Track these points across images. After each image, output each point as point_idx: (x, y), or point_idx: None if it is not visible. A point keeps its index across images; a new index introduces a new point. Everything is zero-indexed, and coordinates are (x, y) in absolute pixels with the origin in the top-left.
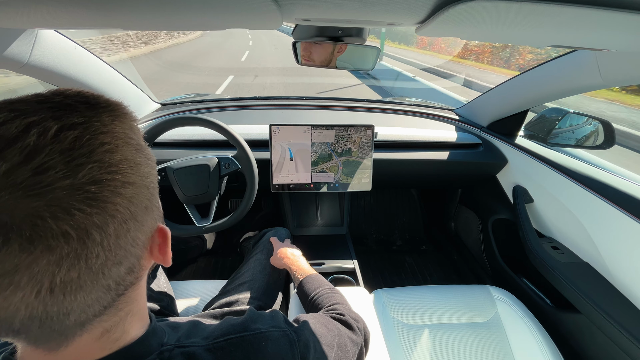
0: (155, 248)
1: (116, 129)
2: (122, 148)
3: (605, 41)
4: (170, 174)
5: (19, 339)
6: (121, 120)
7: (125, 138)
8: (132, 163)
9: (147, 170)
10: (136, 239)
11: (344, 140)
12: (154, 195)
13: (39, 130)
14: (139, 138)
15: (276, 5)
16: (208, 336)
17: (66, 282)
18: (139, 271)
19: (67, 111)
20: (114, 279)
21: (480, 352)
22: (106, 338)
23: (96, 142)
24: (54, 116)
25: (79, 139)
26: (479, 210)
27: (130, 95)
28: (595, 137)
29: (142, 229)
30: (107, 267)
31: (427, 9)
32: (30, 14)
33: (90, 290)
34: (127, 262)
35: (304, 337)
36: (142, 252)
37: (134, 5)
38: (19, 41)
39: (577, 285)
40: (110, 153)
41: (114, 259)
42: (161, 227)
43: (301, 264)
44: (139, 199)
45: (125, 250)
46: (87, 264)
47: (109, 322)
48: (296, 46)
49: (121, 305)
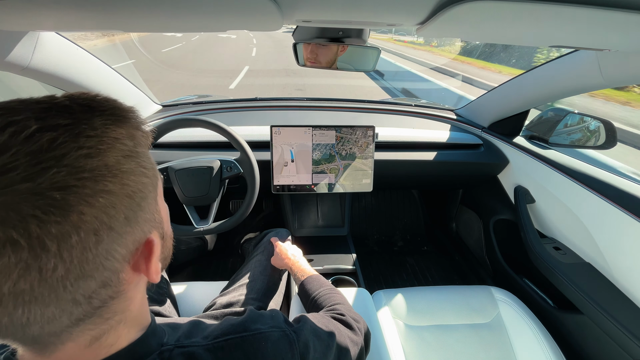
0: (141, 262)
1: (107, 133)
2: (106, 153)
3: (606, 41)
4: (171, 174)
5: (10, 342)
6: (119, 125)
7: (114, 143)
8: (115, 170)
9: (134, 179)
10: (112, 251)
11: (349, 144)
12: (141, 206)
13: (15, 129)
14: (135, 144)
15: (277, 7)
16: (208, 336)
17: (16, 293)
18: (118, 285)
19: (56, 112)
20: (82, 293)
21: (482, 353)
22: (97, 345)
23: (73, 145)
24: (38, 117)
25: (53, 141)
26: (480, 210)
27: (131, 96)
28: (596, 137)
29: (120, 241)
30: (69, 281)
31: (427, 9)
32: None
33: (48, 303)
34: (99, 275)
35: (303, 337)
36: (122, 266)
37: (134, 7)
38: (21, 44)
39: (579, 285)
40: (87, 158)
41: (79, 273)
42: (150, 239)
43: (302, 264)
44: (118, 209)
45: (95, 263)
46: (41, 275)
47: (96, 331)
48: (296, 47)
49: (108, 315)
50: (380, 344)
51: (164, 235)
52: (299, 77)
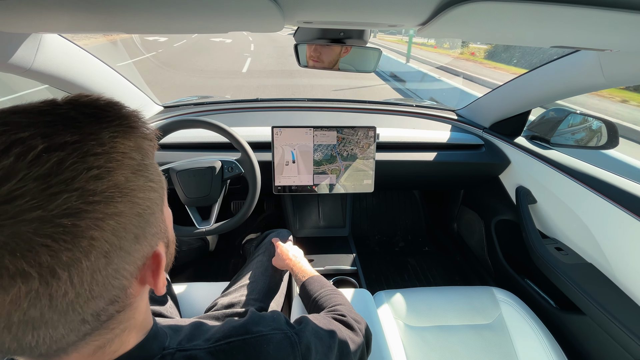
0: (148, 275)
1: (115, 148)
2: (115, 172)
3: (608, 41)
4: (172, 175)
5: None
6: (125, 136)
7: (122, 159)
8: (125, 189)
9: (143, 196)
10: (121, 270)
11: (350, 145)
12: (149, 222)
13: (21, 150)
14: (143, 157)
15: (278, 8)
16: (209, 338)
17: (26, 321)
18: (125, 300)
19: (62, 126)
20: (90, 313)
21: (484, 354)
22: (101, 352)
23: (82, 166)
24: (45, 133)
25: (62, 163)
26: (482, 211)
27: (133, 98)
28: (598, 137)
29: (129, 259)
30: (79, 304)
31: (429, 10)
32: (34, 18)
33: (56, 325)
34: (107, 295)
35: (305, 338)
36: (129, 282)
37: (136, 9)
38: (23, 45)
39: (581, 286)
40: (96, 180)
41: (89, 295)
42: (157, 252)
43: (303, 265)
44: (127, 229)
45: (105, 284)
46: (51, 302)
47: (101, 340)
48: (297, 48)
49: (113, 325)
50: (381, 344)
51: (168, 243)
52: (314, 78)
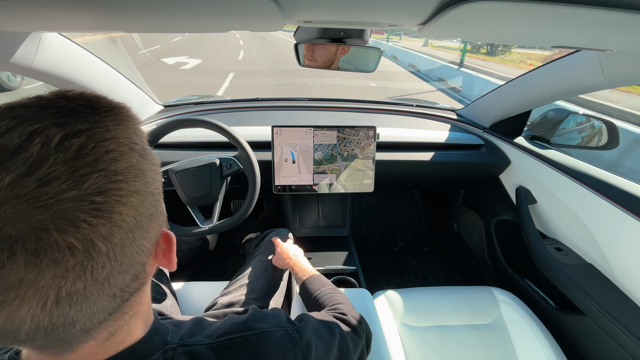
0: (160, 253)
1: (120, 134)
2: (127, 155)
3: (608, 41)
4: (172, 176)
5: (24, 347)
6: (125, 124)
7: (129, 144)
8: (138, 170)
9: (152, 177)
10: (141, 246)
11: (351, 145)
12: (158, 202)
13: (43, 139)
14: (143, 142)
15: (278, 7)
16: (211, 334)
17: (72, 293)
18: (143, 277)
19: (70, 117)
20: (119, 287)
21: (484, 354)
22: (111, 341)
23: (101, 150)
24: (57, 123)
25: (83, 148)
26: (482, 211)
27: (133, 97)
28: (599, 137)
29: (147, 236)
30: (113, 277)
31: (429, 10)
32: (34, 17)
33: (95, 299)
34: (132, 269)
35: (306, 336)
36: (147, 259)
37: (136, 8)
38: (23, 44)
39: (581, 287)
40: (115, 161)
41: (120, 268)
42: (166, 232)
43: (303, 264)
44: (145, 206)
45: (131, 258)
46: (92, 275)
47: (113, 327)
48: (298, 48)
49: (126, 309)
50: (381, 344)
51: (167, 228)
52: (341, 78)
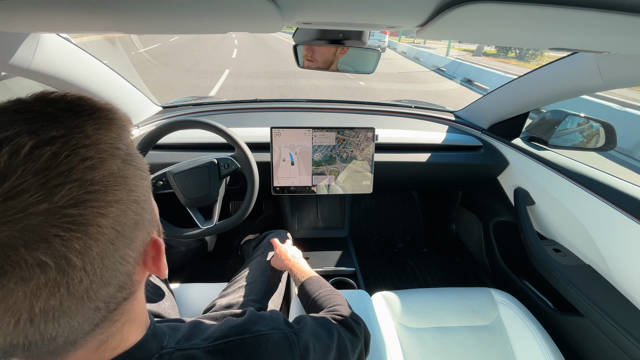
0: (149, 261)
1: (101, 139)
2: (107, 162)
3: (606, 44)
4: (170, 179)
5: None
6: (107, 128)
7: (110, 149)
8: (119, 177)
9: (136, 183)
10: (125, 256)
11: (351, 147)
12: (145, 209)
13: (12, 148)
14: (127, 146)
15: (277, 9)
16: (208, 338)
17: (47, 310)
18: (131, 287)
19: (45, 122)
20: (102, 300)
21: (482, 355)
22: (103, 349)
23: (76, 158)
24: (30, 130)
25: (56, 156)
26: (480, 212)
27: (132, 98)
28: (596, 138)
29: (132, 246)
30: (93, 290)
31: (427, 12)
32: (33, 18)
33: (75, 314)
34: (116, 280)
35: (303, 338)
36: (134, 268)
37: (135, 9)
38: (21, 45)
39: (579, 287)
40: (92, 170)
41: (101, 281)
42: (154, 238)
43: (302, 265)
44: (127, 216)
45: (113, 270)
46: (69, 290)
47: (104, 334)
48: (297, 49)
49: (116, 317)
50: (379, 346)
51: (160, 233)
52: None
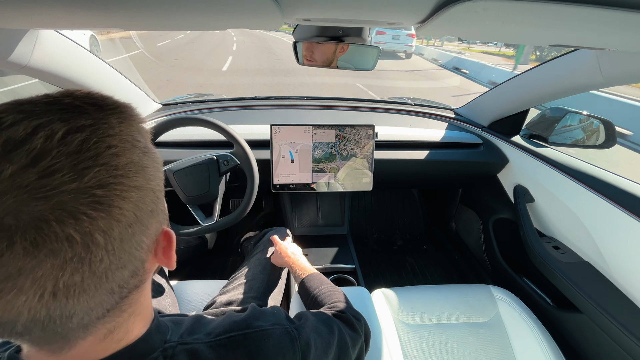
0: (159, 251)
1: (123, 131)
2: (129, 151)
3: (606, 40)
4: (170, 176)
5: (22, 341)
6: (129, 122)
7: (132, 141)
8: (139, 166)
9: (153, 174)
10: (141, 242)
11: (351, 145)
12: (159, 199)
13: (46, 132)
14: (146, 141)
15: (277, 5)
16: (210, 332)
17: (69, 286)
18: (142, 274)
19: (75, 113)
20: (117, 283)
21: (482, 352)
22: (110, 339)
23: (103, 145)
24: (62, 118)
25: (85, 142)
26: (480, 210)
27: (132, 95)
28: (596, 136)
29: (147, 233)
30: (111, 271)
31: (428, 8)
32: (31, 14)
33: (93, 294)
34: (131, 265)
35: (305, 334)
36: (147, 256)
37: (135, 5)
38: (20, 42)
39: (578, 285)
40: (117, 156)
41: (118, 263)
42: (166, 230)
43: (302, 262)
44: (145, 202)
45: (130, 254)
46: (90, 268)
47: (112, 324)
48: (297, 46)
49: (125, 307)
50: (379, 342)
51: (169, 226)
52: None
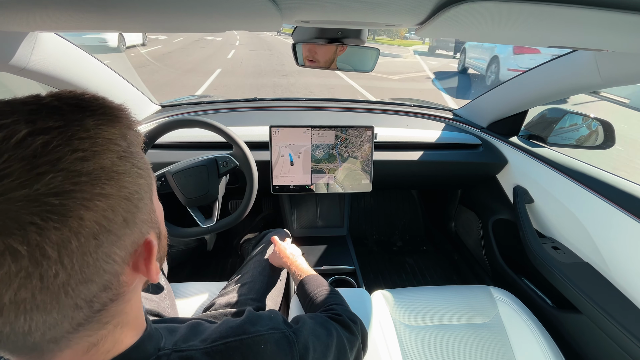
0: (140, 263)
1: (100, 134)
2: (101, 155)
3: (604, 42)
4: (169, 178)
5: (1, 352)
6: (111, 124)
7: (107, 144)
8: (111, 172)
9: (130, 180)
10: (111, 254)
11: (352, 146)
12: (139, 207)
13: (5, 134)
14: (129, 145)
15: (276, 7)
16: (206, 339)
17: (17, 302)
18: (118, 288)
19: (46, 114)
20: (83, 298)
21: (482, 353)
22: (95, 351)
23: (67, 148)
24: (28, 119)
25: (46, 145)
26: (479, 210)
27: (131, 97)
28: (595, 137)
29: (120, 244)
30: (71, 286)
31: (427, 10)
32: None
33: (50, 310)
34: (99, 279)
35: (303, 338)
36: (122, 268)
37: (133, 8)
38: (19, 44)
39: (577, 285)
40: (83, 161)
41: (80, 277)
42: (148, 240)
43: (300, 263)
44: (116, 212)
45: (96, 267)
46: (42, 283)
47: (94, 337)
48: (296, 48)
49: (106, 319)
50: (379, 344)
51: (160, 236)
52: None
